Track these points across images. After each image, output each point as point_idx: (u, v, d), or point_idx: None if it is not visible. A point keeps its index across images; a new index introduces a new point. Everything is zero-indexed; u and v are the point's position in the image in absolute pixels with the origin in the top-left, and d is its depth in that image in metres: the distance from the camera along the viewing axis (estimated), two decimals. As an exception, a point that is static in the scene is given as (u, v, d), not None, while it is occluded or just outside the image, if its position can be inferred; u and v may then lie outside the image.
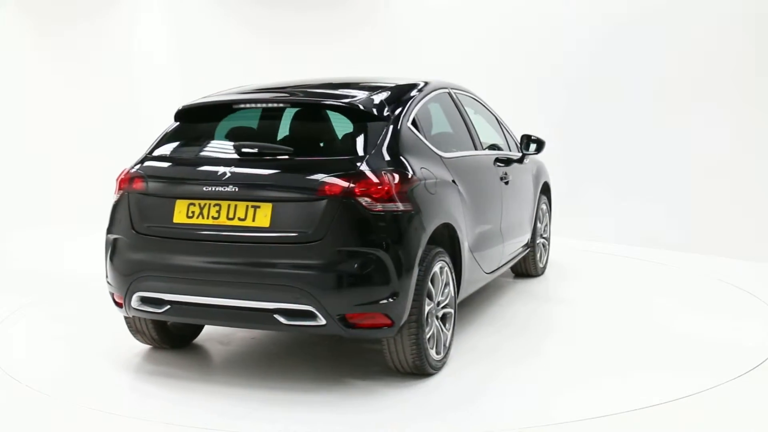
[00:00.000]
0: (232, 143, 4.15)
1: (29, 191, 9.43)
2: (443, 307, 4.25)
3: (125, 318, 4.46)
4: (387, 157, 3.93)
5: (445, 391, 4.01)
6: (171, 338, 4.64)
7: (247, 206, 3.84)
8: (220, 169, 3.93)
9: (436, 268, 4.09)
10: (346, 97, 4.24)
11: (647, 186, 8.21)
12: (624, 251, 7.56)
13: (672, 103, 8.05)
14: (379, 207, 3.76)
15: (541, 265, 6.48)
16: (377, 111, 4.11)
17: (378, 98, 4.25)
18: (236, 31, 10.52)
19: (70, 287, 6.18)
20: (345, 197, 3.72)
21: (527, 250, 6.14)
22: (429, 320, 4.06)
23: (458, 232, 4.41)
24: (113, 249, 4.17)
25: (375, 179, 3.77)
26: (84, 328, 5.18)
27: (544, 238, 6.55)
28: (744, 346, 4.70)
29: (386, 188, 3.79)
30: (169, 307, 4.01)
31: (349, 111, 4.11)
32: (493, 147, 5.68)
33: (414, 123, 4.31)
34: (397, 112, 4.22)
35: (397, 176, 3.87)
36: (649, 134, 8.20)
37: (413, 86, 4.65)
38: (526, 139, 5.87)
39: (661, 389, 4.01)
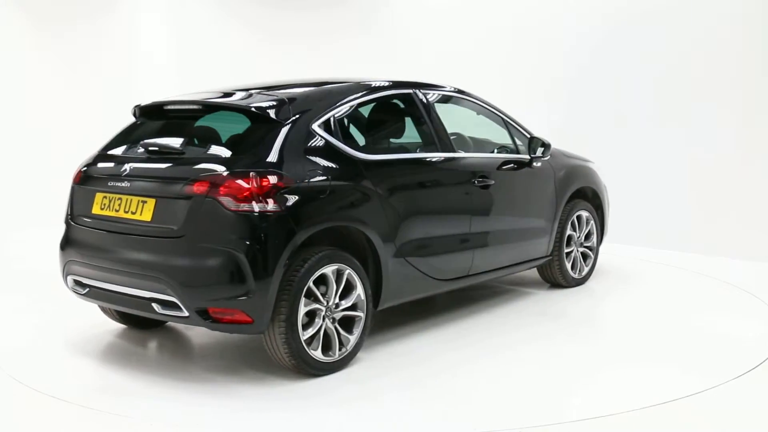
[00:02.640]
0: (143, 142, 4.42)
1: (29, 191, 9.43)
2: (344, 310, 4.26)
3: None
4: (265, 159, 4.02)
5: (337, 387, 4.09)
6: (136, 319, 4.96)
7: (138, 201, 4.15)
8: (125, 166, 4.29)
9: (327, 270, 4.12)
10: (256, 100, 4.37)
11: (647, 186, 8.21)
12: (623, 251, 7.56)
13: (672, 103, 8.05)
14: (241, 207, 3.86)
15: (574, 275, 6.06)
16: (274, 114, 4.21)
17: (282, 101, 4.34)
18: (236, 31, 10.52)
19: (70, 287, 6.18)
20: (209, 196, 3.88)
21: (547, 260, 5.85)
22: (316, 321, 4.12)
23: (371, 236, 4.37)
24: (62, 235, 4.65)
25: (240, 180, 3.89)
26: (84, 328, 5.18)
27: (585, 247, 6.17)
28: (744, 346, 4.71)
29: (251, 189, 3.88)
30: (88, 289, 4.46)
31: (248, 114, 4.26)
32: (503, 150, 5.58)
33: (327, 125, 4.35)
34: (301, 114, 4.28)
35: (267, 178, 3.94)
36: (649, 134, 8.20)
37: (349, 88, 4.71)
38: (533, 142, 5.63)
39: (661, 389, 4.02)
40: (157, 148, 4.30)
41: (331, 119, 4.40)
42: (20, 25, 10.18)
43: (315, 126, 4.30)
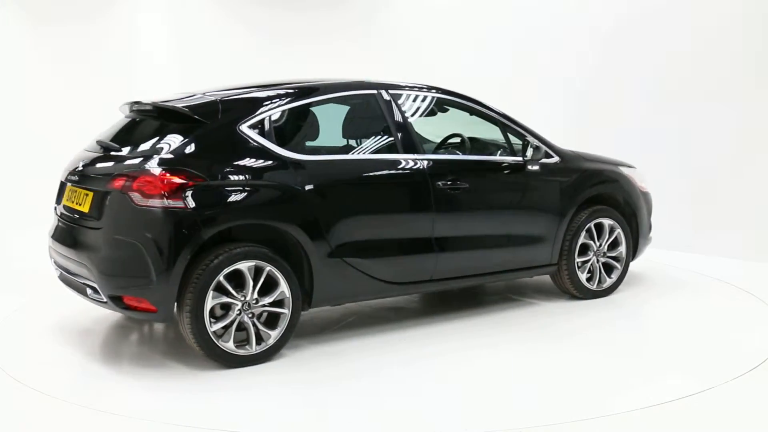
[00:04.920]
0: (97, 140, 4.77)
1: (29, 191, 9.42)
2: (265, 306, 4.37)
3: None
4: (178, 158, 4.25)
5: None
6: None
7: (83, 194, 4.50)
8: (85, 161, 4.63)
9: (242, 266, 4.26)
10: (192, 102, 4.58)
11: (647, 186, 8.19)
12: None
13: (672, 102, 8.04)
14: (148, 203, 4.12)
15: (591, 287, 5.72)
16: (201, 115, 4.44)
17: (213, 103, 4.55)
18: (236, 31, 10.51)
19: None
20: (123, 191, 4.19)
21: (552, 268, 5.58)
22: (230, 314, 4.29)
23: (298, 235, 4.45)
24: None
25: (149, 177, 4.15)
26: (84, 328, 5.19)
27: (610, 257, 5.80)
28: (744, 346, 4.71)
29: (158, 186, 4.12)
30: (60, 273, 4.83)
31: (181, 116, 4.48)
32: (504, 153, 5.44)
33: (260, 126, 4.50)
34: (231, 116, 4.47)
35: (175, 175, 4.16)
36: (649, 134, 8.20)
37: (299, 90, 4.81)
38: (525, 144, 5.42)
39: (661, 389, 4.02)
40: (104, 146, 4.64)
41: (266, 120, 4.54)
42: (20, 25, 10.18)
43: (244, 127, 4.46)
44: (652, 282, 6.44)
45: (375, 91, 5.03)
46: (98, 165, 4.55)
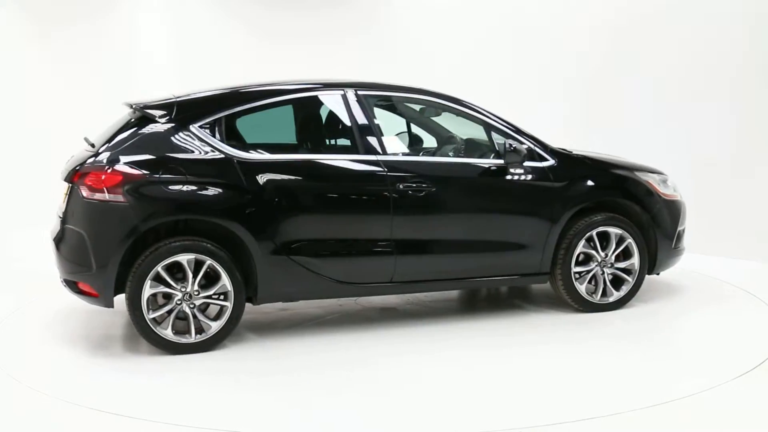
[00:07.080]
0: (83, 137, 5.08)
1: (29, 191, 9.42)
2: (206, 298, 4.62)
3: None
4: (123, 155, 4.57)
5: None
6: None
7: (66, 188, 4.74)
8: (74, 158, 4.86)
9: (181, 259, 4.54)
10: (154, 101, 4.84)
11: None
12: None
13: (672, 103, 8.04)
14: (93, 196, 4.49)
15: (592, 299, 5.40)
16: (155, 114, 4.74)
17: (170, 104, 4.80)
18: (236, 31, 10.51)
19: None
20: (77, 185, 4.55)
21: (542, 277, 5.33)
22: (170, 303, 4.57)
23: (238, 231, 4.61)
24: None
25: (95, 173, 4.51)
26: (83, 328, 5.19)
27: (619, 269, 5.43)
28: (744, 346, 4.71)
29: (101, 181, 4.48)
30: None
31: (143, 115, 4.76)
32: (488, 154, 5.25)
33: (213, 126, 4.73)
34: (184, 115, 4.74)
35: (115, 172, 4.50)
36: (649, 134, 8.20)
37: (253, 91, 4.97)
38: (505, 147, 5.13)
39: (661, 389, 4.02)
40: (87, 142, 4.93)
41: (219, 121, 4.76)
42: (20, 25, 10.17)
43: (196, 127, 4.72)
44: (651, 282, 6.44)
45: (341, 91, 5.06)
46: (75, 161, 4.75)
